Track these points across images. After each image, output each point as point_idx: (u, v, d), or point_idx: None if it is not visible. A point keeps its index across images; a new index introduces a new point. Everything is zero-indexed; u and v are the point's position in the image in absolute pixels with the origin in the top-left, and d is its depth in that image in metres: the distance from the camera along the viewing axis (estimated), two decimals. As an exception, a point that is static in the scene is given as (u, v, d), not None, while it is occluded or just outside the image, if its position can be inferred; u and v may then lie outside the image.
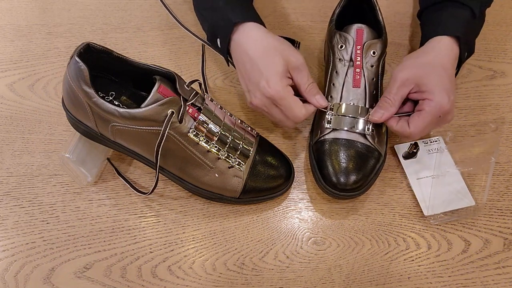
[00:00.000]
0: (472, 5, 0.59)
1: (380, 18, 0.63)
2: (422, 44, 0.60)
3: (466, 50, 0.59)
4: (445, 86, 0.54)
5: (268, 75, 0.54)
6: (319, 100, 0.58)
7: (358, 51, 0.59)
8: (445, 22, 0.59)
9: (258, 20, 0.59)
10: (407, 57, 0.58)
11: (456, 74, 0.60)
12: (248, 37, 0.57)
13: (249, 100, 0.58)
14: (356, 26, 0.60)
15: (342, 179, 0.55)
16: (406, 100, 0.57)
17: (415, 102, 0.57)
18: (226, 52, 0.60)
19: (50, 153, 0.63)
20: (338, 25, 0.63)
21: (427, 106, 0.54)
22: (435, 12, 0.61)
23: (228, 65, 0.63)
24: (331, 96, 0.60)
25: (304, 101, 0.58)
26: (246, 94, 0.59)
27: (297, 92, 0.58)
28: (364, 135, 0.57)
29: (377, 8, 0.63)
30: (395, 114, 0.56)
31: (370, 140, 0.57)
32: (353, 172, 0.55)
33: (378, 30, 0.62)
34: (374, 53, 0.59)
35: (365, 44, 0.59)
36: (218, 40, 0.61)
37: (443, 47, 0.57)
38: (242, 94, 0.68)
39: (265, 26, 0.60)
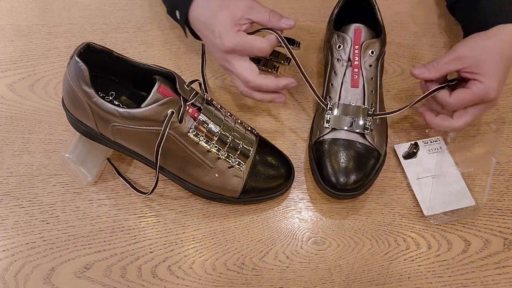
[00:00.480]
0: None
1: (379, 17, 0.63)
2: (468, 34, 0.59)
3: None
4: (498, 75, 0.54)
5: (218, 31, 0.55)
6: (286, 22, 0.57)
7: (356, 51, 0.59)
8: (504, 9, 0.58)
9: None
10: (472, 36, 0.57)
11: None
12: (199, 5, 0.58)
13: (214, 56, 0.60)
14: (354, 26, 0.60)
15: (341, 179, 0.55)
16: (455, 79, 0.57)
17: (464, 82, 0.56)
18: (184, 23, 0.61)
19: (50, 153, 0.63)
20: (337, 25, 0.63)
21: (475, 86, 0.54)
22: (483, 0, 0.60)
23: (186, 36, 0.64)
24: (329, 96, 0.60)
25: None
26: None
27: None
28: (363, 135, 0.57)
29: (376, 7, 0.63)
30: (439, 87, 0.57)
31: (370, 140, 0.57)
32: (352, 172, 0.55)
33: (377, 30, 0.62)
34: (372, 52, 0.59)
35: (363, 44, 0.59)
36: (177, 12, 0.62)
37: (507, 34, 0.56)
38: (242, 94, 0.69)
39: None
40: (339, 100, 0.58)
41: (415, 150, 0.61)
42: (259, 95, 0.59)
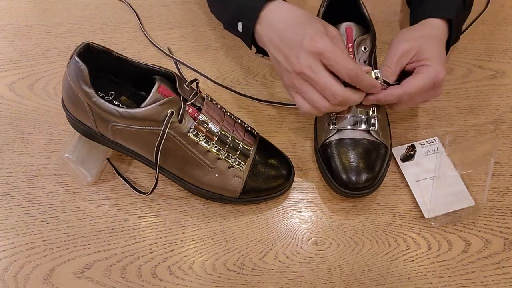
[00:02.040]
0: None
1: (366, 12, 0.63)
2: (412, 24, 0.61)
3: (455, 35, 0.60)
4: (442, 57, 0.55)
5: (311, 33, 0.50)
6: (364, 67, 0.53)
7: (350, 49, 0.59)
8: (439, 4, 0.60)
9: None
10: (404, 30, 0.59)
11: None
12: (280, 10, 0.54)
13: (291, 68, 0.52)
14: (344, 25, 0.60)
15: (353, 178, 0.55)
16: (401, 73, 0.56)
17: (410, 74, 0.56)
18: (251, 33, 0.56)
19: (50, 153, 0.63)
20: None
21: (424, 70, 0.54)
22: None
23: (250, 48, 0.60)
24: None
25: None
26: (285, 66, 0.53)
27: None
28: (368, 131, 0.57)
29: (361, 2, 0.64)
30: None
31: (375, 136, 0.57)
32: (364, 170, 0.56)
33: (365, 25, 0.62)
34: (365, 48, 0.60)
35: (355, 41, 0.59)
36: (240, 23, 0.58)
37: (438, 27, 0.58)
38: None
39: None
40: None
41: (412, 152, 0.61)
42: (340, 108, 0.53)
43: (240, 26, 0.58)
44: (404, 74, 0.56)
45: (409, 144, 0.62)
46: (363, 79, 0.51)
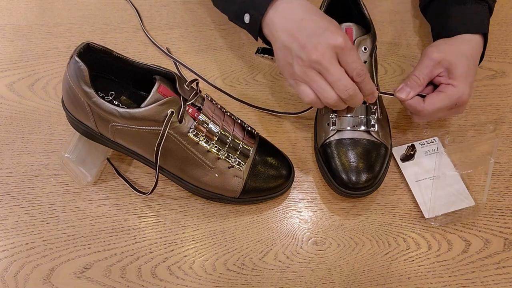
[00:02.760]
0: (489, 1, 0.61)
1: (366, 12, 0.63)
2: (437, 38, 0.61)
3: (486, 46, 0.61)
4: (470, 79, 0.56)
5: (333, 27, 0.51)
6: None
7: None
8: (472, 19, 0.59)
9: None
10: (439, 42, 0.59)
11: None
12: (294, 2, 0.54)
13: (306, 56, 0.51)
14: (344, 25, 0.60)
15: (353, 178, 0.55)
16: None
17: (435, 86, 0.57)
18: (258, 24, 0.56)
19: (50, 153, 0.63)
20: None
21: (449, 90, 0.55)
22: (453, 7, 0.61)
23: (256, 40, 0.60)
24: None
25: None
26: (291, 56, 0.53)
27: None
28: (368, 132, 0.57)
29: (362, 3, 0.64)
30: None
31: (375, 136, 0.57)
32: (364, 170, 0.56)
33: (365, 26, 0.62)
34: (365, 49, 0.60)
35: (355, 42, 0.59)
36: (248, 14, 0.57)
37: (474, 42, 0.58)
38: (242, 94, 0.68)
39: None
40: None
41: (412, 152, 0.61)
42: (342, 105, 0.54)
43: (247, 17, 0.58)
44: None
45: (409, 144, 0.62)
46: (368, 82, 0.53)
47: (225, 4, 0.64)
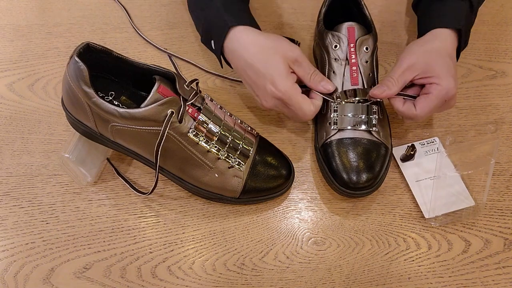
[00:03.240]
0: None
1: (367, 13, 0.63)
2: (420, 34, 0.61)
3: (463, 42, 0.61)
4: (451, 72, 0.56)
5: (273, 77, 0.55)
6: (325, 86, 0.58)
7: (352, 49, 0.59)
8: (447, 14, 0.60)
9: (251, 23, 0.59)
10: (411, 44, 0.59)
11: None
12: (241, 42, 0.57)
13: (260, 103, 0.59)
14: (346, 25, 0.60)
15: (354, 178, 0.55)
16: (412, 84, 0.58)
17: (421, 87, 0.58)
18: (220, 54, 0.60)
19: (50, 153, 0.63)
20: (326, 24, 0.64)
21: (434, 90, 0.55)
22: (434, 3, 0.62)
23: (222, 67, 0.63)
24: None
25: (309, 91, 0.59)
26: (256, 98, 0.59)
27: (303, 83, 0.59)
28: (369, 131, 0.57)
29: (363, 3, 0.64)
30: (401, 95, 0.57)
31: (376, 136, 0.57)
32: (365, 169, 0.56)
33: (366, 25, 0.62)
34: (367, 48, 0.60)
35: (357, 41, 0.59)
36: (212, 42, 0.61)
37: (446, 38, 0.58)
38: (242, 94, 0.68)
39: (259, 29, 0.60)
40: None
41: (412, 152, 0.61)
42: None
43: (212, 44, 0.61)
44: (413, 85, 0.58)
45: (409, 144, 0.62)
46: (319, 84, 0.58)
47: (197, 26, 0.67)
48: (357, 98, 0.58)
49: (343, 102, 0.58)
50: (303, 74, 0.57)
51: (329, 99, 0.59)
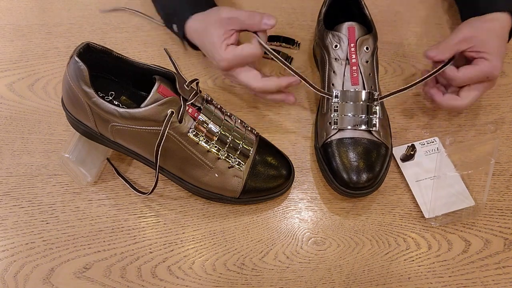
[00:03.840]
0: None
1: (367, 12, 0.63)
2: (466, 13, 0.63)
3: None
4: (501, 54, 0.58)
5: (211, 51, 0.59)
6: (267, 22, 0.58)
7: (353, 49, 0.59)
8: None
9: (207, 6, 0.62)
10: (472, 19, 0.61)
11: None
12: (194, 23, 0.62)
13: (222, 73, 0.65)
14: (347, 24, 0.60)
15: (354, 178, 0.55)
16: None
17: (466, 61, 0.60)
18: (183, 37, 0.65)
19: (50, 153, 0.63)
20: (326, 24, 0.64)
21: (482, 63, 0.57)
22: None
23: (186, 49, 0.66)
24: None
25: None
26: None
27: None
28: (369, 131, 0.57)
29: (363, 3, 0.64)
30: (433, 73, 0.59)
31: (376, 136, 0.57)
32: (365, 169, 0.56)
33: (366, 25, 0.62)
34: (367, 48, 0.60)
35: (358, 41, 0.59)
36: (174, 26, 0.66)
37: (504, 20, 0.60)
38: (242, 94, 0.68)
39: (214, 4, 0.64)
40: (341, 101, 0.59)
41: (412, 152, 0.61)
42: (268, 96, 0.62)
43: (175, 27, 0.66)
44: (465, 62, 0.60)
45: (409, 144, 0.62)
46: (268, 84, 0.60)
47: (156, 8, 0.72)
48: (352, 113, 0.58)
49: (342, 115, 0.58)
50: (241, 23, 0.59)
51: (327, 95, 0.59)
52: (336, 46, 0.60)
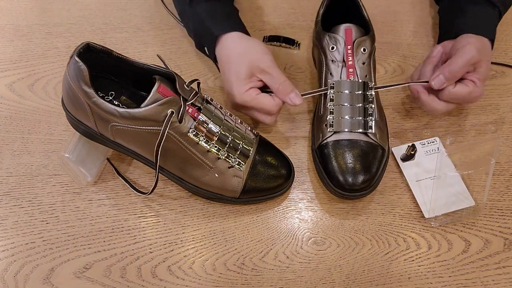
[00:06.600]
0: (500, 7, 0.63)
1: (365, 14, 0.63)
2: (445, 32, 0.64)
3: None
4: (487, 78, 0.59)
5: (232, 82, 0.58)
6: (293, 99, 0.58)
7: (349, 51, 0.59)
8: (483, 22, 0.62)
9: (238, 28, 0.61)
10: (473, 40, 0.58)
11: None
12: (224, 48, 0.60)
13: (230, 106, 0.62)
14: (344, 26, 0.60)
15: (350, 180, 0.55)
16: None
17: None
18: (214, 60, 0.63)
19: (50, 153, 0.63)
20: (324, 25, 0.64)
21: (473, 87, 0.57)
22: (466, 5, 0.63)
23: (219, 71, 0.64)
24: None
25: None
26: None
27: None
28: (366, 134, 0.57)
29: (361, 4, 0.64)
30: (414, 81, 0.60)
31: (372, 138, 0.57)
32: (361, 171, 0.55)
33: (364, 27, 0.62)
34: (364, 50, 0.60)
35: (355, 43, 0.59)
36: (206, 48, 0.64)
37: (489, 46, 0.61)
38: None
39: (247, 33, 0.62)
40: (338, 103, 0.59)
41: (412, 152, 0.61)
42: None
43: (206, 50, 0.65)
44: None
45: (410, 144, 0.62)
46: (280, 105, 0.58)
47: (187, 30, 0.69)
48: (349, 116, 0.58)
49: (338, 118, 0.58)
50: (271, 84, 0.58)
51: (323, 91, 0.60)
52: (332, 47, 0.60)
